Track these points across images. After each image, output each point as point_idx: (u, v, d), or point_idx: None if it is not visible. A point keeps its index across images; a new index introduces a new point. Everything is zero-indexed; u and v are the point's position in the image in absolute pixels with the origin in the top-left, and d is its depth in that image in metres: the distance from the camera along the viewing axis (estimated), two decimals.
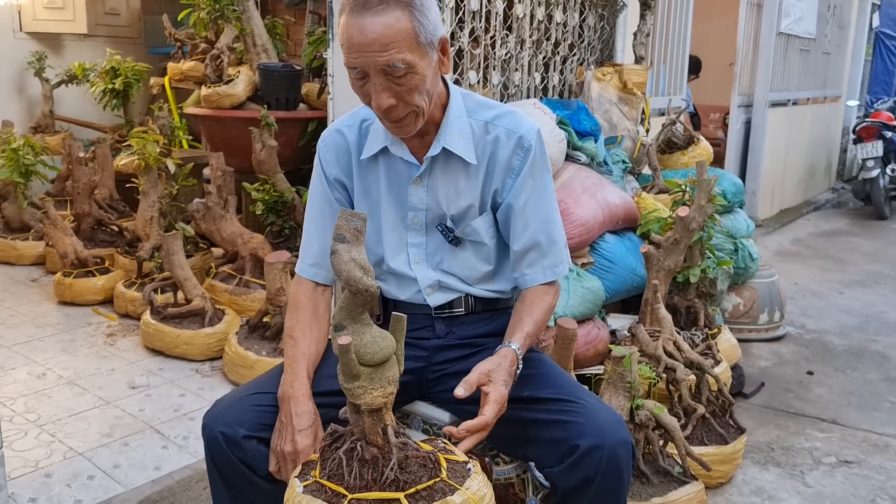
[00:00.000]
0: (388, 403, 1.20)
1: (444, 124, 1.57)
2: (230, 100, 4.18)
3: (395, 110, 1.45)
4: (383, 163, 1.64)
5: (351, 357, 1.16)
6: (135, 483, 2.24)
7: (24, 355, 3.14)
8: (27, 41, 5.88)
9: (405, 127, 1.50)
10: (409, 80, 1.42)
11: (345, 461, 1.18)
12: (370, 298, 1.15)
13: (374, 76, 1.42)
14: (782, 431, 2.83)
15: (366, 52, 1.39)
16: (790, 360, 3.55)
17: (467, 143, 1.59)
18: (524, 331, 1.56)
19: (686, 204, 2.95)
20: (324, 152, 1.68)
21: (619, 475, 1.44)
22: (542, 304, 1.62)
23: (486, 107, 1.64)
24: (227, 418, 1.46)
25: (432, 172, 1.62)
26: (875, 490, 2.43)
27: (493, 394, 1.41)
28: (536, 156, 1.62)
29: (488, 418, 1.37)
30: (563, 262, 1.67)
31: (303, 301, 1.65)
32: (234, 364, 2.90)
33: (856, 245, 6.13)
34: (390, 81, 1.42)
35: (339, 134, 1.67)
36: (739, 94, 6.35)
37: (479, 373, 1.44)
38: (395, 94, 1.43)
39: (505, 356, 1.49)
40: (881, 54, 9.79)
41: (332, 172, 1.67)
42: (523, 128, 1.61)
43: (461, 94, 1.63)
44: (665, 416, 2.12)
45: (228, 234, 3.72)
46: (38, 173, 4.27)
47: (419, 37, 1.41)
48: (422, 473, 1.19)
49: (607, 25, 3.97)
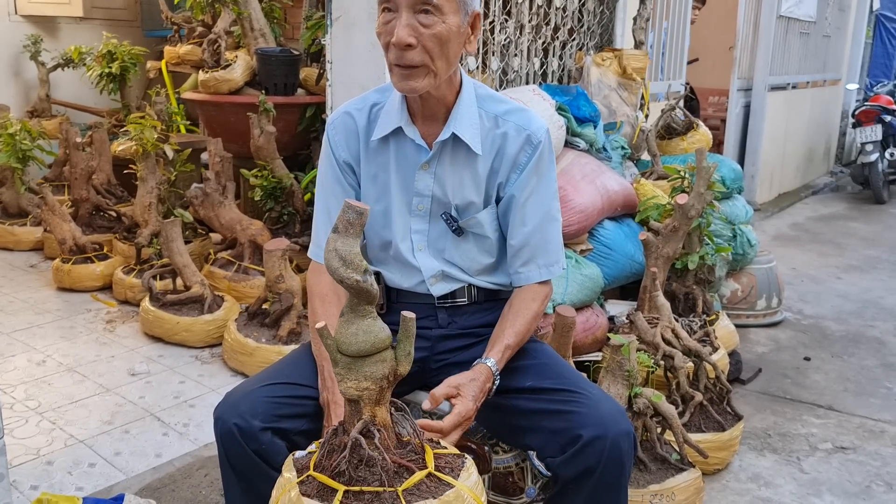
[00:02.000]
0: (365, 398, 1.18)
1: (456, 110, 1.58)
2: (228, 85, 4.16)
3: (412, 52, 1.45)
4: (394, 146, 1.63)
5: (329, 342, 1.18)
6: (136, 470, 2.25)
7: (24, 342, 3.15)
8: (22, 24, 5.83)
9: (413, 81, 1.49)
10: (435, 24, 1.45)
11: (340, 454, 1.18)
12: (355, 291, 1.14)
13: (403, 10, 1.44)
14: (779, 417, 2.84)
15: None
16: (788, 346, 3.57)
17: (475, 132, 1.60)
18: (504, 343, 1.56)
19: (685, 191, 2.95)
20: (333, 134, 1.67)
21: (621, 465, 1.45)
22: (527, 313, 1.62)
23: (496, 100, 1.65)
24: (240, 410, 1.45)
25: (441, 159, 1.62)
26: (870, 476, 2.45)
27: (459, 407, 1.43)
28: (544, 154, 1.62)
29: (445, 427, 1.39)
30: (558, 262, 1.68)
31: (329, 294, 1.63)
32: (233, 351, 2.91)
33: (854, 229, 6.13)
34: (417, 20, 1.44)
35: (349, 116, 1.67)
36: (739, 77, 6.33)
37: (449, 386, 1.45)
38: (417, 34, 1.45)
39: (480, 372, 1.50)
40: (881, 37, 9.74)
41: (341, 155, 1.66)
42: (533, 125, 1.62)
43: (472, 84, 1.64)
44: (663, 405, 2.13)
45: (227, 221, 3.71)
46: (35, 158, 4.26)
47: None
48: (410, 469, 1.18)
49: (607, 10, 3.95)
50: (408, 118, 1.60)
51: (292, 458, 1.26)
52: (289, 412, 1.49)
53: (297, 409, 1.51)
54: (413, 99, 1.58)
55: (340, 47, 2.87)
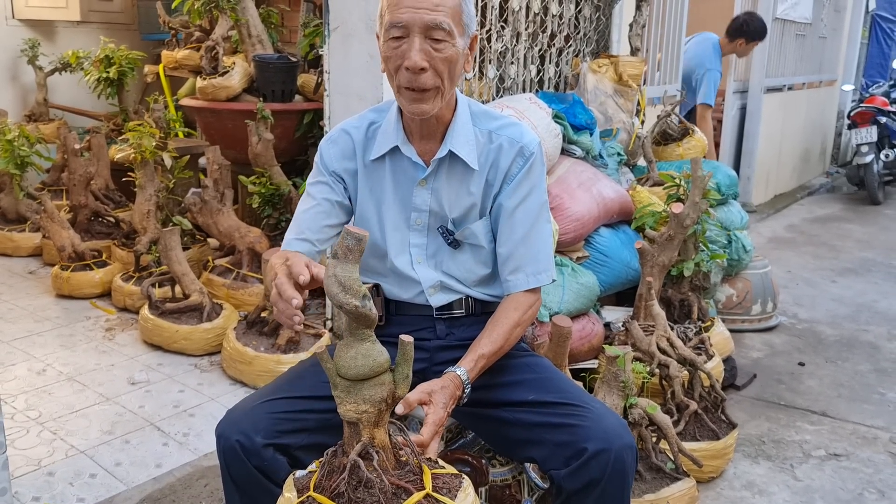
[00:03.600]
0: (364, 420, 1.20)
1: (452, 128, 1.63)
2: (226, 91, 4.17)
3: (425, 76, 1.50)
4: (390, 164, 1.68)
5: (328, 366, 1.21)
6: (136, 481, 2.27)
7: (24, 350, 3.16)
8: (20, 28, 5.83)
9: (424, 104, 1.53)
10: (446, 48, 1.49)
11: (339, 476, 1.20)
12: (354, 316, 1.16)
13: (415, 35, 1.48)
14: (773, 424, 2.87)
15: (415, 8, 1.46)
16: (782, 351, 3.60)
17: (471, 148, 1.65)
18: (478, 353, 1.58)
19: (680, 198, 2.98)
20: (327, 148, 1.71)
21: (624, 478, 1.48)
22: (506, 322, 1.63)
23: (490, 117, 1.70)
24: (242, 427, 1.47)
25: (437, 175, 1.66)
26: (863, 483, 2.48)
27: (432, 416, 1.45)
28: (535, 165, 1.67)
29: (425, 439, 1.41)
30: (546, 271, 1.70)
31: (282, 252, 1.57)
32: (232, 360, 2.93)
33: (849, 231, 6.16)
34: (429, 44, 1.48)
35: (346, 133, 1.71)
36: (735, 80, 6.36)
37: (422, 392, 1.47)
38: (429, 58, 1.49)
39: (451, 381, 1.52)
40: (877, 38, 9.77)
41: (332, 165, 1.70)
42: (526, 138, 1.67)
43: (466, 101, 1.69)
44: (658, 415, 2.16)
45: (225, 228, 3.73)
46: (33, 164, 4.27)
47: (463, 14, 1.52)
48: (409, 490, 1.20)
49: (603, 16, 3.97)
50: (404, 137, 1.65)
51: (293, 477, 1.28)
52: (290, 427, 1.52)
53: (298, 423, 1.53)
54: (411, 118, 1.61)
55: (338, 57, 2.89)
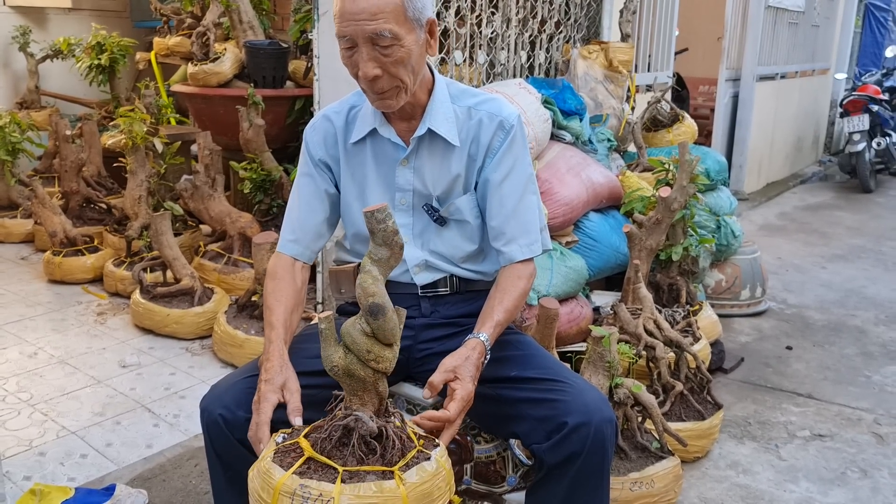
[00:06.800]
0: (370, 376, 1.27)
1: (430, 107, 1.65)
2: (217, 78, 4.17)
3: (380, 81, 1.52)
4: (371, 146, 1.70)
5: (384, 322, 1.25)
6: (127, 461, 2.29)
7: (16, 334, 3.17)
8: (11, 15, 5.81)
9: (388, 100, 1.56)
10: (394, 51, 1.49)
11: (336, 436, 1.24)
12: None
13: (361, 45, 1.48)
14: (759, 406, 2.90)
15: (355, 21, 1.46)
16: (770, 336, 3.63)
17: (451, 126, 1.67)
18: (494, 319, 1.60)
19: (669, 184, 2.99)
20: (311, 136, 1.75)
21: (604, 451, 1.51)
22: (514, 291, 1.66)
23: (469, 94, 1.72)
24: (225, 401, 1.50)
25: (418, 154, 1.68)
26: (846, 462, 2.51)
27: (460, 391, 1.45)
28: (516, 137, 1.69)
29: (451, 415, 1.41)
30: (538, 241, 1.72)
31: (280, 272, 1.69)
32: (223, 343, 2.95)
33: (840, 219, 6.20)
34: (377, 52, 1.49)
35: (327, 119, 1.74)
36: (727, 68, 6.36)
37: (446, 371, 1.47)
38: (380, 64, 1.50)
39: (474, 348, 1.53)
40: (870, 26, 9.79)
41: (317, 153, 1.73)
42: (504, 112, 1.69)
43: (445, 82, 1.71)
44: (643, 394, 2.18)
45: (217, 213, 3.74)
46: (25, 150, 4.27)
47: (407, 11, 1.49)
48: (401, 447, 1.26)
49: (594, 2, 3.98)
50: (382, 119, 1.67)
51: (274, 441, 1.31)
52: None
53: None
54: None
55: (327, 42, 2.89)
